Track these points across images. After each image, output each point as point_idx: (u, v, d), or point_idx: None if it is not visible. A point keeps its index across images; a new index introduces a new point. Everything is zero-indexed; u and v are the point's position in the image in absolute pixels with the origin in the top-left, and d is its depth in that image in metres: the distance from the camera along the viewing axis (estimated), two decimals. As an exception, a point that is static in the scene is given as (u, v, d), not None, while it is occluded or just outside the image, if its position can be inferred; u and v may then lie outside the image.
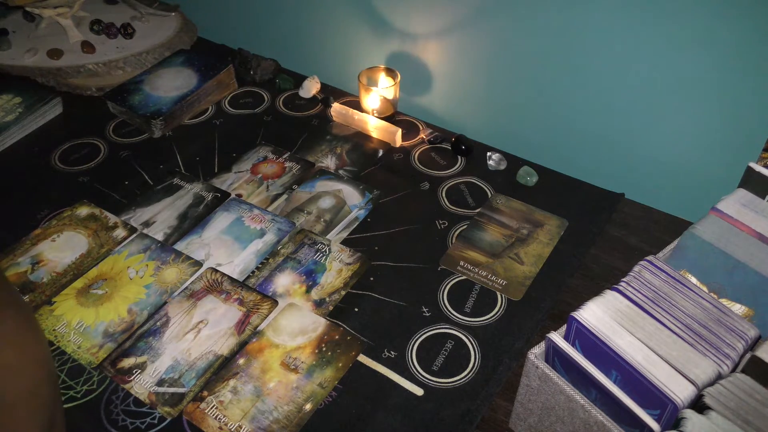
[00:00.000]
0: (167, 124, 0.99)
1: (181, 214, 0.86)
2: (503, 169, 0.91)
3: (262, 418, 0.64)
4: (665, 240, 0.66)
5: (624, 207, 0.86)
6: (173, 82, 1.04)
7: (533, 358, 0.54)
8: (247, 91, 1.08)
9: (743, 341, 0.50)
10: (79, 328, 0.72)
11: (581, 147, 0.95)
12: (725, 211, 0.58)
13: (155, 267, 0.78)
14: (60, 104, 1.05)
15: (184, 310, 0.74)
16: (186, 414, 0.64)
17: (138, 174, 0.93)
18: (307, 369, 0.68)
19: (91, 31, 1.15)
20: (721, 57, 0.75)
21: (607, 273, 0.78)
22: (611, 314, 0.52)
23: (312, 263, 0.78)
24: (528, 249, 0.80)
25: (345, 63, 1.10)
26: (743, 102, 0.77)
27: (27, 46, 1.12)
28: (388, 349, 0.70)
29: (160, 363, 0.68)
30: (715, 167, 0.84)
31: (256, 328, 0.72)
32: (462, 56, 0.98)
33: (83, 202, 0.87)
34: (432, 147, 0.96)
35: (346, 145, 0.97)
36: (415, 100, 1.07)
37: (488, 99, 1.00)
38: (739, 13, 0.71)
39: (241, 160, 0.94)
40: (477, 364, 0.68)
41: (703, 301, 0.52)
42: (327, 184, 0.90)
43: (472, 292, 0.75)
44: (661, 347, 0.49)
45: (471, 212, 0.85)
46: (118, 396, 0.66)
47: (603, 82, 0.86)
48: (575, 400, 0.52)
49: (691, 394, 0.46)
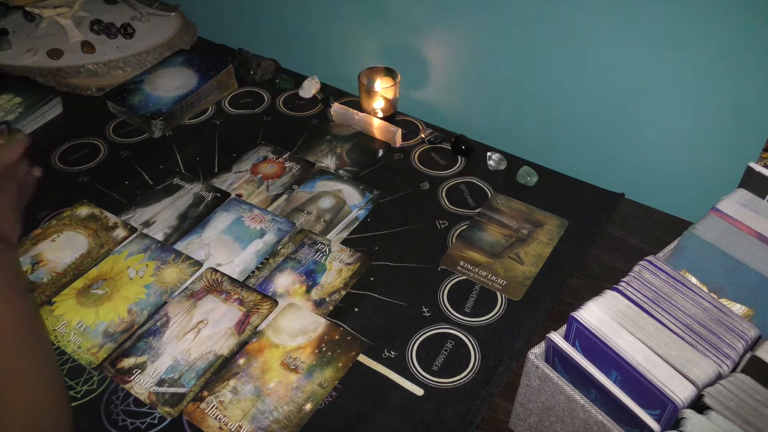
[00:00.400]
0: (167, 124, 0.99)
1: (181, 214, 0.86)
2: (503, 169, 0.91)
3: (262, 418, 0.64)
4: (665, 240, 0.66)
5: (624, 207, 0.86)
6: (173, 82, 1.04)
7: (533, 358, 0.54)
8: (247, 91, 1.08)
9: (743, 341, 0.50)
10: (79, 328, 0.72)
11: (581, 147, 0.95)
12: (725, 211, 0.58)
13: (155, 267, 0.78)
14: (60, 104, 1.05)
15: (184, 310, 0.73)
16: (186, 414, 0.64)
17: (138, 174, 0.93)
18: (307, 369, 0.68)
19: (91, 31, 1.15)
20: (721, 56, 0.75)
21: (607, 273, 0.78)
22: (611, 314, 0.52)
23: (312, 263, 0.78)
24: (528, 249, 0.80)
25: (345, 63, 1.10)
26: (743, 102, 0.77)
27: (27, 46, 1.12)
28: (388, 349, 0.70)
29: (160, 363, 0.68)
30: (715, 167, 0.84)
31: (256, 328, 0.72)
32: (462, 56, 0.98)
33: (83, 202, 0.87)
34: (432, 147, 0.96)
35: (346, 145, 0.97)
36: (415, 99, 1.07)
37: (488, 99, 1.00)
38: (739, 13, 0.71)
39: (241, 160, 0.94)
40: (477, 364, 0.68)
41: (703, 301, 0.52)
42: (327, 184, 0.89)
43: (472, 292, 0.75)
44: (661, 347, 0.49)
45: (471, 212, 0.85)
46: (118, 396, 0.66)
47: (603, 82, 0.86)
48: (575, 400, 0.52)
49: (691, 394, 0.46)
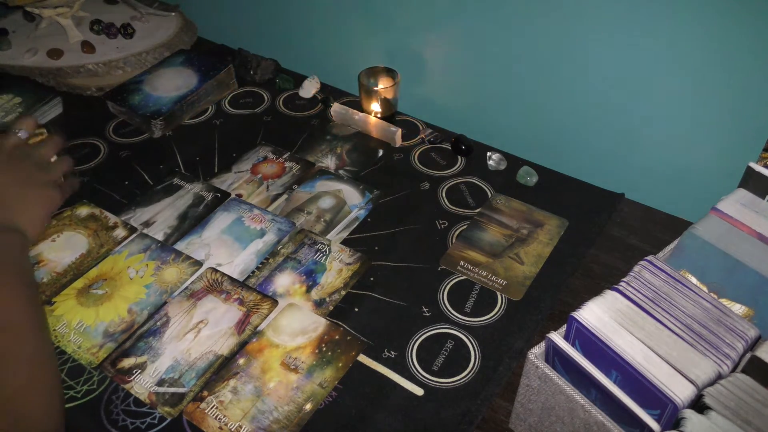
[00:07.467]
0: (167, 124, 0.99)
1: (181, 214, 0.86)
2: (503, 169, 0.91)
3: (263, 418, 0.64)
4: (665, 240, 0.66)
5: (624, 207, 0.86)
6: (173, 82, 1.04)
7: (533, 358, 0.54)
8: (247, 91, 1.08)
9: (743, 341, 0.50)
10: (79, 328, 0.72)
11: (581, 147, 0.95)
12: (725, 211, 0.58)
13: (155, 267, 0.78)
14: (60, 104, 1.05)
15: (184, 310, 0.73)
16: (186, 414, 0.64)
17: (138, 174, 0.93)
18: (307, 369, 0.68)
19: (91, 31, 1.15)
20: (721, 56, 0.75)
21: (607, 273, 0.78)
22: (611, 314, 0.52)
23: (312, 263, 0.78)
24: (528, 249, 0.80)
25: (345, 63, 1.10)
26: (743, 102, 0.77)
27: (27, 46, 1.12)
28: (388, 349, 0.70)
29: (160, 363, 0.68)
30: (715, 167, 0.84)
31: (256, 328, 0.72)
32: (462, 56, 0.98)
33: (83, 202, 0.87)
34: (432, 147, 0.96)
35: (346, 145, 0.97)
36: (415, 100, 1.07)
37: (488, 99, 1.00)
38: (740, 13, 0.71)
39: (241, 160, 0.94)
40: (477, 364, 0.68)
41: (703, 301, 0.52)
42: (327, 184, 0.89)
43: (472, 292, 0.75)
44: (661, 347, 0.49)
45: (471, 212, 0.85)
46: (118, 396, 0.66)
47: (603, 82, 0.86)
48: (575, 400, 0.52)
49: (691, 394, 0.46)
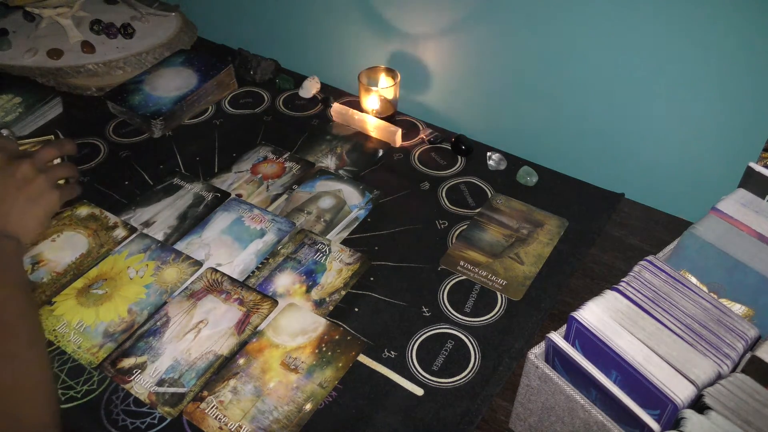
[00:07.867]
0: (167, 124, 0.99)
1: (181, 214, 0.86)
2: (503, 169, 0.91)
3: (262, 418, 0.64)
4: (665, 240, 0.66)
5: (624, 207, 0.86)
6: (173, 82, 1.04)
7: (533, 358, 0.54)
8: (247, 91, 1.08)
9: (743, 341, 0.50)
10: (79, 328, 0.72)
11: (581, 147, 0.95)
12: (725, 211, 0.58)
13: (155, 267, 0.78)
14: (60, 104, 1.05)
15: (184, 310, 0.73)
16: (186, 414, 0.64)
17: (138, 174, 0.93)
18: (307, 369, 0.68)
19: (91, 31, 1.15)
20: (721, 56, 0.75)
21: (607, 273, 0.78)
22: (611, 314, 0.52)
23: (312, 263, 0.78)
24: (528, 249, 0.80)
25: (345, 63, 1.10)
26: (743, 102, 0.77)
27: (27, 46, 1.12)
28: (388, 349, 0.70)
29: (160, 363, 0.68)
30: (715, 167, 0.84)
31: (256, 328, 0.72)
32: (462, 56, 0.98)
33: (83, 202, 0.87)
34: (432, 147, 0.96)
35: (346, 145, 0.97)
36: (415, 100, 1.07)
37: (488, 99, 1.00)
38: (739, 13, 0.71)
39: (241, 160, 0.94)
40: (477, 364, 0.68)
41: (703, 301, 0.52)
42: (327, 184, 0.89)
43: (472, 292, 0.75)
44: (661, 347, 0.49)
45: (471, 212, 0.85)
46: (118, 396, 0.66)
47: (603, 82, 0.86)
48: (575, 400, 0.52)
49: (691, 394, 0.46)
